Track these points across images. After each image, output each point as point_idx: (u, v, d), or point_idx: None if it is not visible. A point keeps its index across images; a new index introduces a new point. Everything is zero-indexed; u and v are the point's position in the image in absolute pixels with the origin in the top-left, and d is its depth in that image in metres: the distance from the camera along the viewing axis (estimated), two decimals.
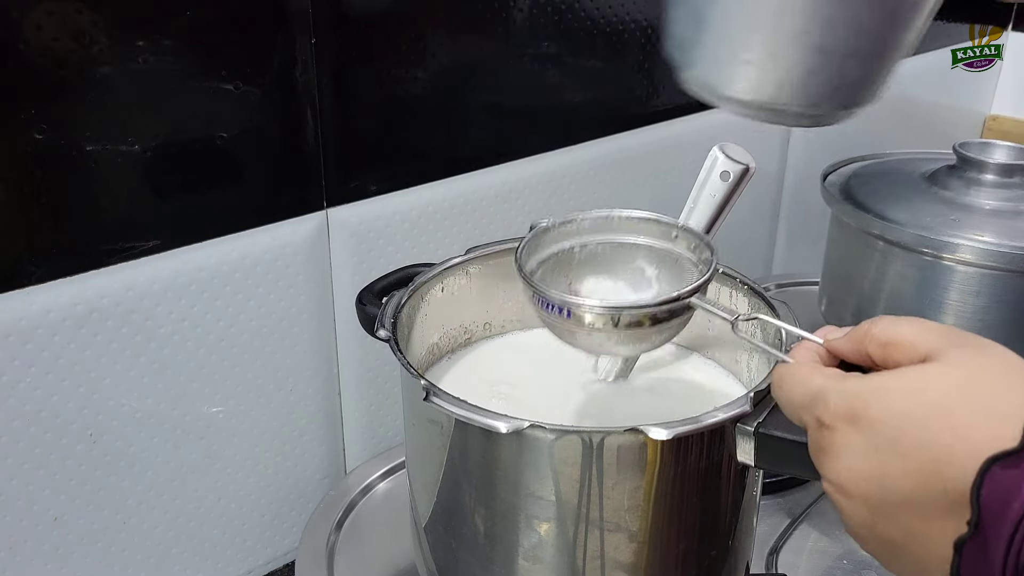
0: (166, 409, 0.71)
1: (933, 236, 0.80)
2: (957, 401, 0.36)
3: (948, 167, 0.88)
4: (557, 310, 0.51)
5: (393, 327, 0.56)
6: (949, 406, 0.36)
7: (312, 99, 0.71)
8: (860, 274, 0.87)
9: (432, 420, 0.53)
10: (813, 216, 1.04)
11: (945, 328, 0.40)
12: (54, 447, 0.66)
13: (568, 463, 0.50)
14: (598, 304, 0.50)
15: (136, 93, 0.63)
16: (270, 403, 0.77)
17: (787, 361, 0.45)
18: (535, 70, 0.87)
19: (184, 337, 0.70)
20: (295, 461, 0.81)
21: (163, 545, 0.74)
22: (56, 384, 0.65)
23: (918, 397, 0.37)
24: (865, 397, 0.39)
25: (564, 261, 0.58)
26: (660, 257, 0.58)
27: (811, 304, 0.97)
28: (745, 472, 0.54)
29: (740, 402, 0.50)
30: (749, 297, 0.62)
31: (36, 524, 0.67)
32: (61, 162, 0.61)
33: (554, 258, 0.58)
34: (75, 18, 0.59)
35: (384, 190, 0.79)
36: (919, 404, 0.37)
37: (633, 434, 0.48)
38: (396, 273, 0.63)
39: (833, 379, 0.41)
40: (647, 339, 0.53)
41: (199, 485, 0.75)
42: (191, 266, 0.69)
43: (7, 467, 0.64)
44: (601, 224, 0.59)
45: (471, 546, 0.55)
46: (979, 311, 0.80)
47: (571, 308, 0.51)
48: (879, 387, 0.39)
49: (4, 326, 0.61)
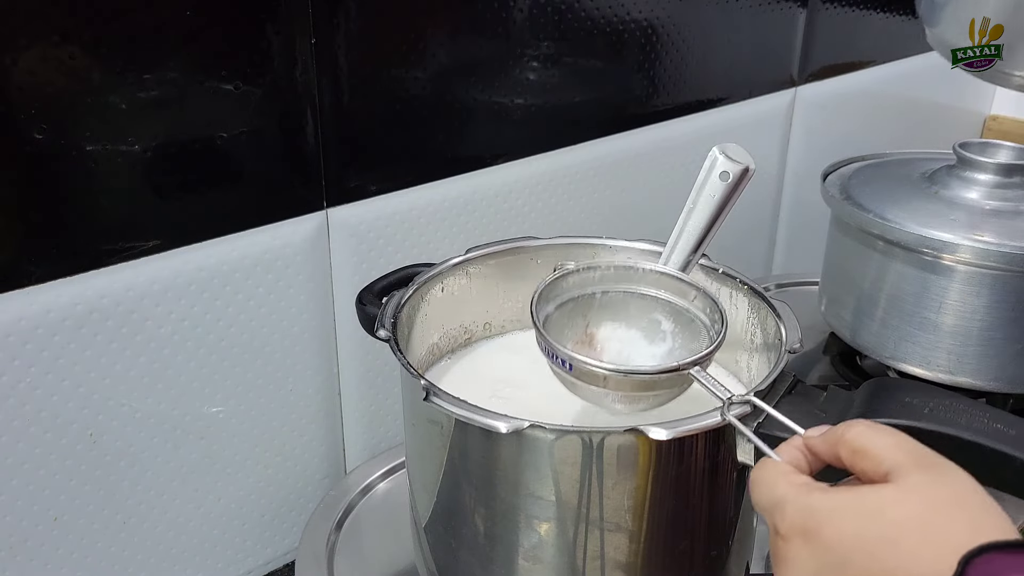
0: (166, 409, 0.71)
1: (933, 236, 0.80)
2: (904, 532, 0.38)
3: (948, 167, 0.88)
4: (560, 362, 0.53)
5: (393, 327, 0.56)
6: (897, 537, 0.38)
7: (312, 99, 0.71)
8: (860, 274, 0.87)
9: (432, 420, 0.53)
10: (813, 216, 1.04)
11: (912, 446, 0.41)
12: (54, 447, 0.66)
13: (568, 463, 0.50)
14: (598, 364, 0.52)
15: (136, 93, 0.63)
16: (270, 403, 0.77)
17: (772, 457, 0.46)
18: (535, 70, 0.87)
19: (184, 337, 0.70)
20: (295, 461, 0.81)
21: (163, 545, 0.75)
22: (56, 384, 0.65)
23: (870, 524, 0.39)
24: (819, 517, 0.40)
25: (584, 304, 0.60)
26: (677, 313, 0.59)
27: (811, 304, 0.97)
28: (745, 472, 0.54)
29: (740, 402, 0.50)
30: (749, 297, 0.62)
31: (36, 524, 0.67)
32: (61, 162, 0.61)
33: (574, 301, 0.59)
34: (77, 18, 0.59)
35: (384, 190, 0.79)
36: (870, 531, 0.39)
37: (633, 434, 0.48)
38: (396, 273, 0.63)
39: (795, 489, 0.42)
40: (644, 400, 0.54)
41: (199, 485, 0.75)
42: (191, 266, 0.69)
43: (7, 467, 0.64)
44: (624, 274, 0.60)
45: (471, 546, 0.55)
46: (979, 311, 0.80)
47: (573, 363, 0.53)
48: (834, 508, 0.40)
49: (4, 326, 0.61)
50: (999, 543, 0.36)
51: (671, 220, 0.61)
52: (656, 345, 0.59)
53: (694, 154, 0.64)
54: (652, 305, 0.60)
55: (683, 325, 0.59)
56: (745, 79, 1.09)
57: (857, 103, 1.26)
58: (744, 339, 0.63)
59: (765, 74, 1.12)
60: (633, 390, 0.53)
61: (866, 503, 0.40)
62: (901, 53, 1.31)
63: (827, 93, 1.20)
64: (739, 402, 0.50)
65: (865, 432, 0.42)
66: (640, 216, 1.01)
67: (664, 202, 1.01)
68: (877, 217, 0.84)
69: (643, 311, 0.60)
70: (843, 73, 1.22)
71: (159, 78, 0.63)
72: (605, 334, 0.60)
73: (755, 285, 0.62)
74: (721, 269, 0.64)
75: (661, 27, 0.96)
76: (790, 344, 0.56)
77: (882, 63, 1.29)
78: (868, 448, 0.42)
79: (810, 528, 0.40)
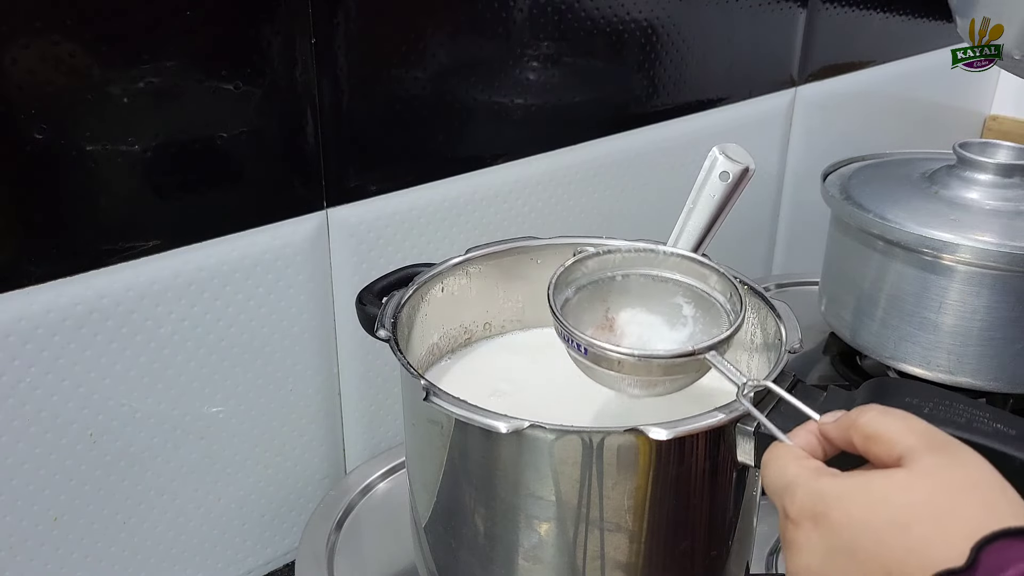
0: (166, 409, 0.71)
1: (933, 236, 0.80)
2: (915, 517, 0.37)
3: (948, 167, 0.88)
4: (576, 346, 0.53)
5: (393, 327, 0.56)
6: (907, 522, 0.37)
7: (312, 99, 0.71)
8: (860, 274, 0.87)
9: (432, 420, 0.53)
10: (813, 216, 1.04)
11: (925, 428, 0.41)
12: (54, 447, 0.66)
13: (568, 463, 0.50)
14: (612, 349, 0.52)
15: (136, 93, 0.63)
16: (270, 403, 0.77)
17: (784, 441, 0.46)
18: (535, 70, 0.87)
19: (184, 337, 0.70)
20: (295, 461, 0.81)
21: (163, 545, 0.74)
22: (56, 384, 0.65)
23: (879, 509, 0.38)
24: (829, 500, 0.40)
25: (603, 288, 0.60)
26: (699, 297, 0.59)
27: (811, 304, 0.97)
28: (745, 472, 0.54)
29: (756, 388, 0.50)
30: (749, 297, 0.62)
31: (36, 524, 0.67)
32: (61, 162, 0.61)
33: (594, 285, 0.59)
34: (76, 17, 0.59)
35: (384, 190, 0.79)
36: (879, 516, 0.38)
37: (633, 434, 0.48)
38: (396, 273, 0.63)
39: (806, 473, 0.42)
40: (660, 385, 0.54)
41: (199, 485, 0.75)
42: (191, 266, 0.69)
43: (7, 467, 0.64)
44: (644, 257, 0.60)
45: (471, 546, 0.55)
46: (979, 311, 0.80)
47: (588, 347, 0.53)
48: (844, 493, 0.40)
49: (4, 326, 0.61)
50: (1015, 529, 0.35)
51: (671, 219, 0.61)
52: (677, 330, 0.59)
53: (694, 154, 0.64)
54: (673, 289, 0.59)
55: (704, 310, 0.58)
56: (745, 79, 1.09)
57: (857, 103, 1.26)
58: (744, 339, 0.63)
59: (765, 74, 1.12)
60: (649, 375, 0.52)
61: (876, 487, 0.39)
62: (901, 53, 1.31)
63: (827, 93, 1.20)
64: (754, 387, 0.50)
65: (877, 417, 0.42)
66: (640, 215, 1.01)
67: (664, 202, 1.01)
68: (877, 217, 0.84)
69: (664, 295, 0.59)
70: (843, 73, 1.22)
71: (159, 77, 0.63)
72: (625, 319, 0.59)
73: (755, 285, 0.62)
74: (721, 269, 0.64)
75: (661, 27, 0.95)
76: (790, 344, 0.56)
77: (882, 63, 1.29)
78: (880, 432, 0.41)
79: (819, 512, 0.40)
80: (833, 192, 0.90)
